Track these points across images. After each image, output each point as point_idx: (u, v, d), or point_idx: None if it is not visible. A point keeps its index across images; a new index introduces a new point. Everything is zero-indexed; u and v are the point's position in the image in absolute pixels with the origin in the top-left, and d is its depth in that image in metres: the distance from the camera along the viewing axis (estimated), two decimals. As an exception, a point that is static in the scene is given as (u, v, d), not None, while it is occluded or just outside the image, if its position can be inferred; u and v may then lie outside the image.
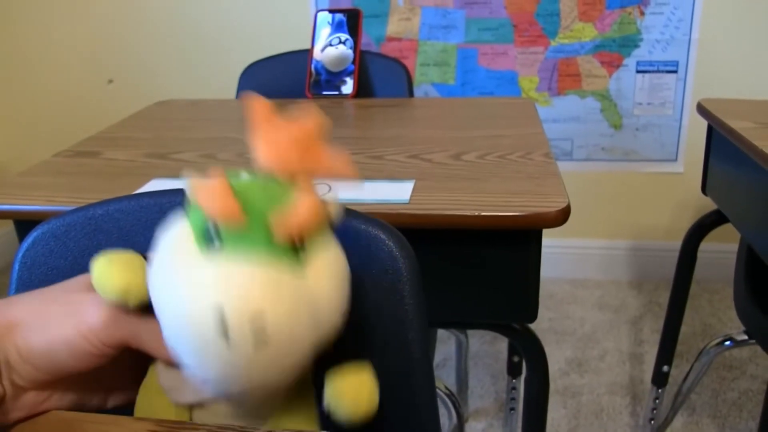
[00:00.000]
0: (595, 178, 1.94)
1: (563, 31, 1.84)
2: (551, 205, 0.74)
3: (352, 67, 1.27)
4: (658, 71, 1.85)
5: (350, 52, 1.29)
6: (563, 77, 1.88)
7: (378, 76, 1.30)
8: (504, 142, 0.96)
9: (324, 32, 1.32)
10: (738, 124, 1.03)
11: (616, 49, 1.84)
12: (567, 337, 1.76)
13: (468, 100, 1.23)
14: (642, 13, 1.80)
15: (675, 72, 1.84)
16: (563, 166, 1.94)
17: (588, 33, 1.83)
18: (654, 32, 1.82)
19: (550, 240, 2.00)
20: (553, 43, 1.85)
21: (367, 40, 1.89)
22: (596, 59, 1.86)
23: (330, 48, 1.30)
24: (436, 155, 0.92)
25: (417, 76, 1.92)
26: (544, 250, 0.82)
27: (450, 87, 1.92)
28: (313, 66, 1.30)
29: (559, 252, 2.01)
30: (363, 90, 1.30)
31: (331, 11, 1.33)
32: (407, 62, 1.90)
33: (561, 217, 0.75)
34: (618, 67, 1.86)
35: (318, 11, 1.34)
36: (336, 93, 1.27)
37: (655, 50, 1.84)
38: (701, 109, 1.14)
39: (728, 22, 1.75)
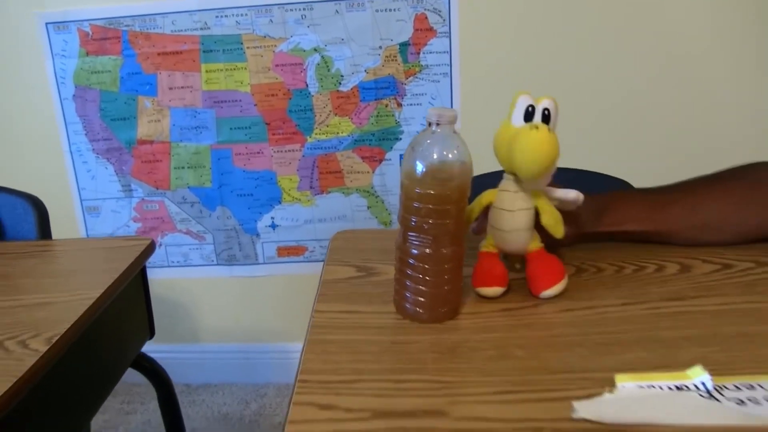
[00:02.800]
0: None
1: (319, 126, 1.73)
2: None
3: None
4: (422, 164, 1.74)
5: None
6: (324, 175, 1.77)
7: (8, 215, 1.17)
8: (13, 318, 0.80)
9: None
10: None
11: (376, 143, 1.73)
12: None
13: (87, 242, 1.09)
14: (399, 105, 1.70)
15: (442, 163, 1.73)
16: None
17: (345, 128, 1.73)
18: (414, 124, 1.72)
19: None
20: (310, 140, 1.74)
21: (118, 145, 1.77)
22: (356, 154, 1.75)
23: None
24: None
25: (173, 180, 1.80)
26: None
27: (207, 190, 1.80)
28: (-60, 203, 1.17)
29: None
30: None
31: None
32: (161, 165, 1.78)
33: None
34: (381, 161, 1.75)
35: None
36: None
37: (417, 142, 1.73)
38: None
39: (487, 111, 1.64)
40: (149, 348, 1.09)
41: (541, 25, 1.62)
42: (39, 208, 1.16)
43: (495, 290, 0.74)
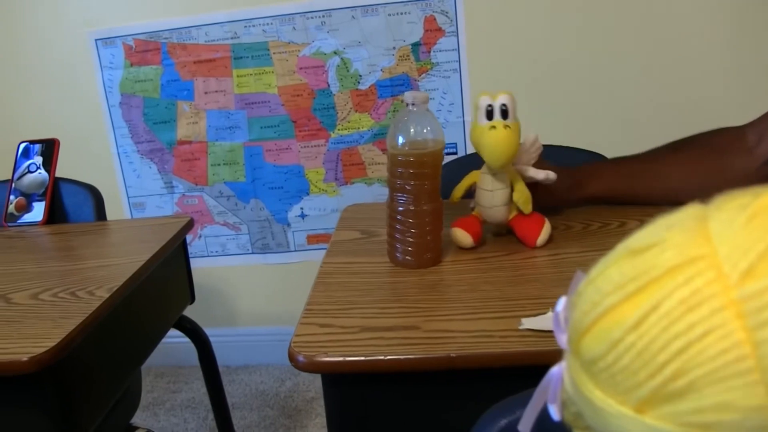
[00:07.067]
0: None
1: (341, 122, 1.89)
2: (26, 353, 0.76)
3: (35, 195, 1.33)
4: (437, 154, 1.89)
5: (42, 178, 1.34)
6: (348, 167, 1.93)
7: (71, 201, 1.35)
8: (80, 276, 0.97)
9: (25, 161, 1.38)
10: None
11: (393, 136, 1.88)
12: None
13: (136, 221, 1.26)
14: (413, 100, 1.85)
15: (455, 153, 1.88)
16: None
17: (365, 123, 1.88)
18: (428, 117, 1.86)
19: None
20: (333, 135, 1.90)
21: (160, 146, 1.95)
22: (376, 147, 1.90)
23: (28, 174, 1.36)
24: (21, 294, 0.94)
25: (210, 176, 1.97)
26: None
27: (241, 184, 1.97)
28: (12, 195, 1.36)
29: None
30: (60, 215, 1.35)
31: (30, 142, 1.40)
32: (199, 163, 1.96)
33: (30, 365, 0.77)
34: (398, 153, 1.90)
35: (21, 142, 1.41)
36: (30, 221, 1.32)
37: (431, 134, 1.88)
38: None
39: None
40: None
41: (540, 19, 1.75)
42: (96, 196, 1.34)
43: (465, 235, 0.88)
